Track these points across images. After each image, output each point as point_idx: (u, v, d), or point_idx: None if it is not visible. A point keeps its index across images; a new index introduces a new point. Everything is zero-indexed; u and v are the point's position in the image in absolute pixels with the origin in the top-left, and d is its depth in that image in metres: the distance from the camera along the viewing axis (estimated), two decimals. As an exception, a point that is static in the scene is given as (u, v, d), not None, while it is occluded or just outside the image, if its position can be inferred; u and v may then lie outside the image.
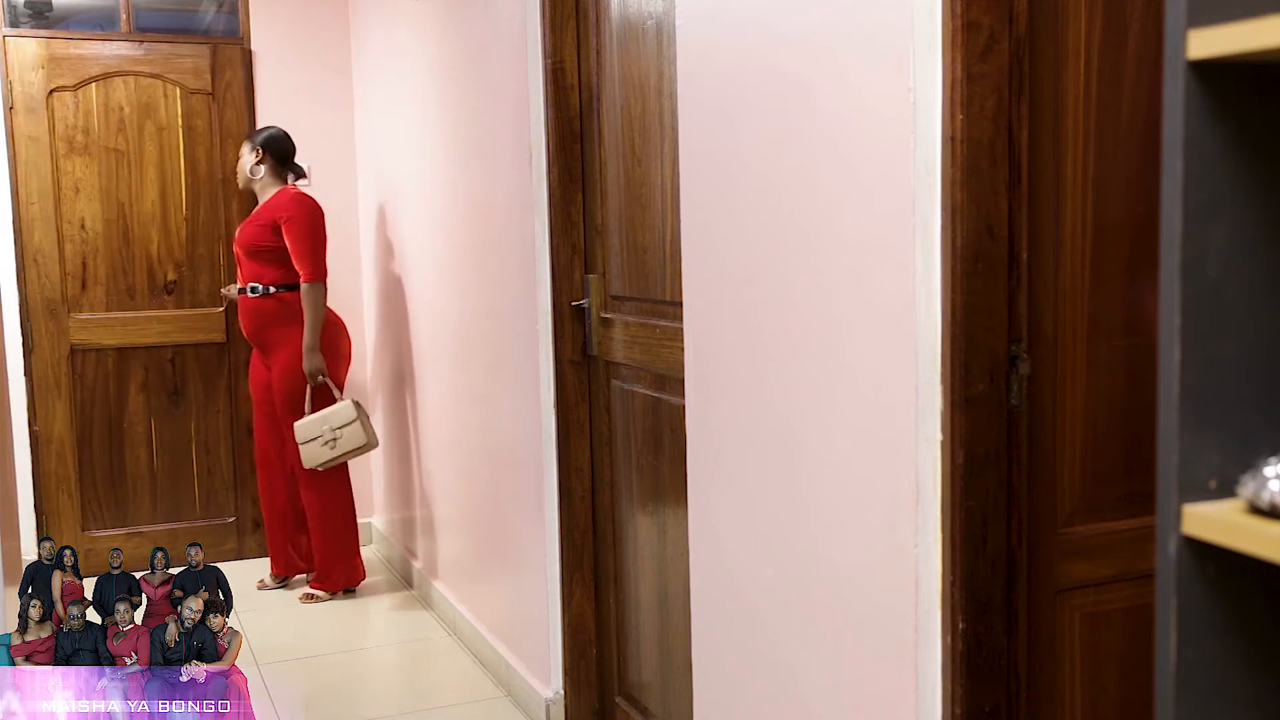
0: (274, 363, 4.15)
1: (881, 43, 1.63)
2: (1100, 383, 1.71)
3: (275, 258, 4.10)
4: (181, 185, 4.68)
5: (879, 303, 1.67)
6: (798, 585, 1.90)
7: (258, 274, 4.11)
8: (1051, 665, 1.70)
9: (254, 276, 4.11)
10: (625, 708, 2.85)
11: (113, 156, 4.58)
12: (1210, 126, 0.89)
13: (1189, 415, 0.91)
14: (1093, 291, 1.69)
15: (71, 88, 4.52)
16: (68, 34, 4.57)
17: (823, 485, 1.82)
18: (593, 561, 2.96)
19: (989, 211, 1.56)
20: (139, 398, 4.68)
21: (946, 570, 1.60)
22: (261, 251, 4.09)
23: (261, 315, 4.13)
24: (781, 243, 1.88)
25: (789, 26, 1.83)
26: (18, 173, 4.45)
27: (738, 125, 1.99)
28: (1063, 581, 1.70)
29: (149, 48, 4.62)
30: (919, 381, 1.60)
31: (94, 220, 4.57)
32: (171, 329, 4.65)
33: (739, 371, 2.04)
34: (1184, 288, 0.90)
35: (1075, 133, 1.65)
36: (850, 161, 1.71)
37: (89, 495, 4.64)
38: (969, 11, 1.52)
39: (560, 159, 2.85)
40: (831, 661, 1.83)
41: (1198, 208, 0.90)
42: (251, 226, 4.13)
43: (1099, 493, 1.72)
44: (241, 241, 4.14)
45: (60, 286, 4.54)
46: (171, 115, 4.65)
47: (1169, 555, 0.92)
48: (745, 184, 1.98)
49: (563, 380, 2.91)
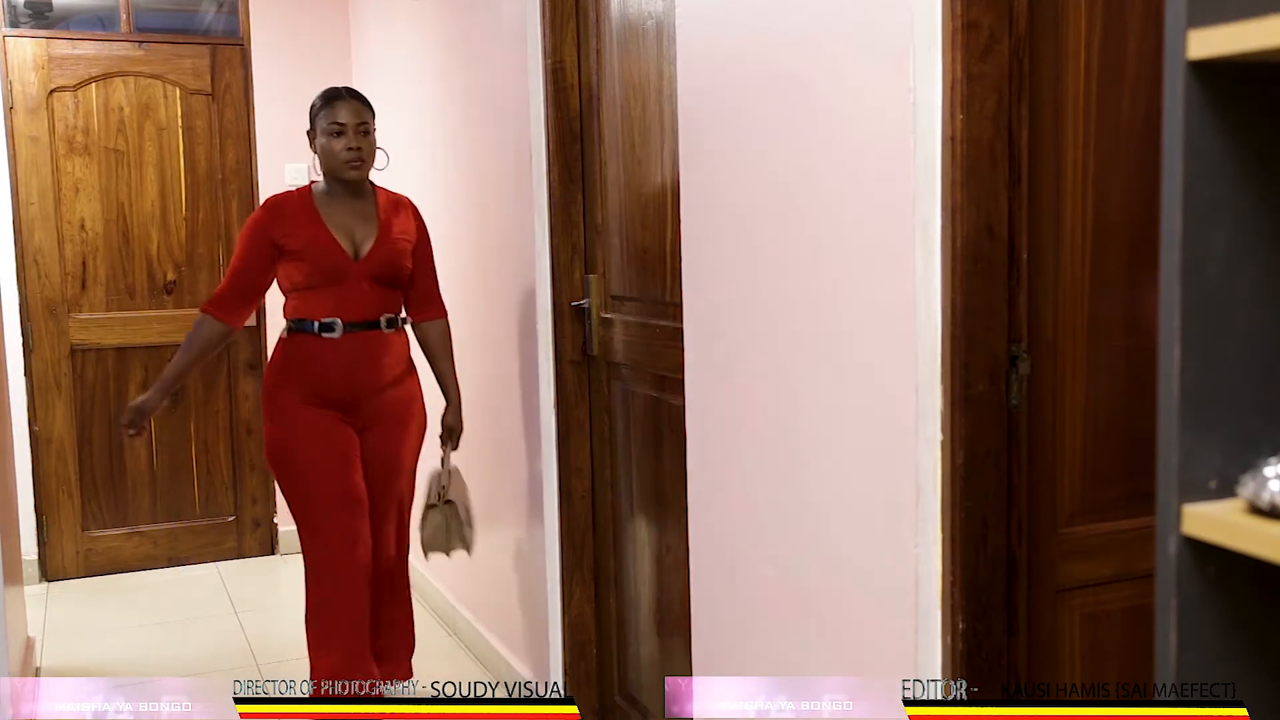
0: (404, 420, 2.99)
1: (881, 43, 1.63)
2: (1100, 383, 1.71)
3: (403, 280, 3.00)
4: (181, 185, 4.68)
5: (879, 303, 1.67)
6: (797, 586, 1.90)
7: (390, 302, 2.95)
8: (1052, 665, 1.70)
9: (386, 305, 2.93)
10: (625, 708, 2.85)
11: (112, 157, 4.58)
12: (1210, 127, 0.89)
13: (1189, 415, 0.91)
14: (1093, 291, 1.69)
15: (71, 88, 4.52)
16: (68, 34, 4.57)
17: (822, 485, 1.82)
18: (593, 561, 2.96)
19: (989, 211, 1.56)
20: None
21: (946, 570, 1.60)
22: (402, 274, 2.97)
23: (399, 356, 2.97)
24: (781, 243, 1.88)
25: (789, 27, 1.83)
26: (18, 173, 4.45)
27: (738, 125, 1.99)
28: (1063, 581, 1.70)
29: (149, 48, 4.62)
30: (919, 381, 1.60)
31: (94, 220, 4.57)
32: (171, 329, 4.65)
33: (739, 371, 2.04)
34: (1184, 288, 0.90)
35: (1075, 133, 1.65)
36: (850, 161, 1.71)
37: (89, 495, 4.64)
38: (969, 11, 1.52)
39: (560, 159, 2.85)
40: (831, 661, 1.83)
41: (1198, 208, 0.90)
42: (389, 245, 2.91)
43: (1099, 493, 1.72)
44: (378, 263, 2.89)
45: (60, 286, 4.54)
46: (171, 115, 4.65)
47: (1169, 555, 0.92)
48: (745, 184, 1.98)
49: (563, 380, 2.91)
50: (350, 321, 2.86)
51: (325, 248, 2.85)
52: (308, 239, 2.85)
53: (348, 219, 2.91)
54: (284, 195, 2.96)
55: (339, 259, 2.86)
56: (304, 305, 2.87)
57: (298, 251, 2.86)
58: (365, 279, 2.87)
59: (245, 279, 2.93)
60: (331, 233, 2.87)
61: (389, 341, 2.94)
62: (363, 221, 2.92)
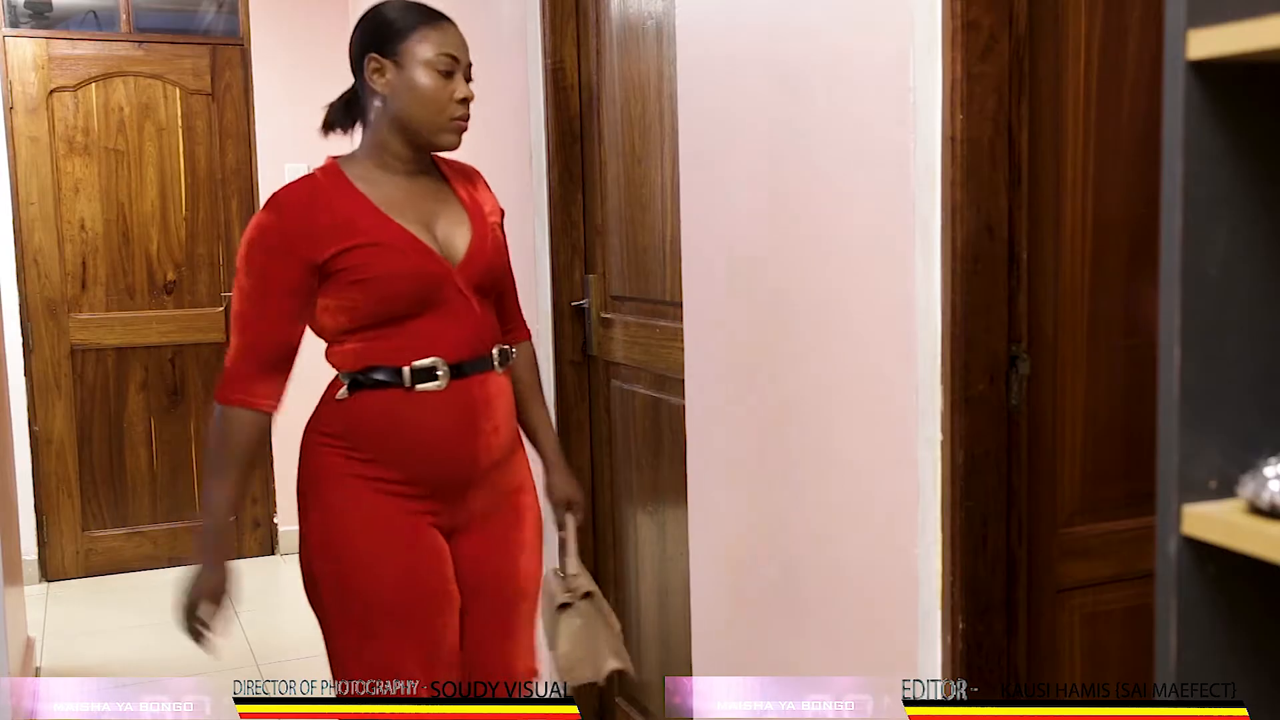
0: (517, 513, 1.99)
1: (881, 43, 1.63)
2: (1100, 383, 1.71)
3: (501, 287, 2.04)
4: (181, 185, 4.68)
5: (878, 303, 1.67)
6: (797, 586, 1.90)
7: (495, 323, 1.98)
8: (1052, 665, 1.70)
9: (494, 329, 1.96)
10: (625, 708, 2.85)
11: (112, 157, 4.58)
12: (1210, 127, 0.89)
13: (1189, 415, 0.91)
14: (1093, 291, 1.69)
15: (71, 88, 4.52)
16: (68, 34, 4.58)
17: (822, 485, 1.82)
18: (593, 561, 2.96)
19: (989, 211, 1.56)
20: (139, 397, 4.68)
21: (946, 570, 1.60)
22: (506, 278, 2.06)
23: (510, 406, 1.98)
24: (781, 243, 1.88)
25: (789, 27, 1.83)
26: (18, 173, 4.45)
27: (738, 125, 1.99)
28: (1063, 581, 1.70)
29: (149, 48, 4.62)
30: (919, 381, 1.60)
31: (94, 220, 4.57)
32: (171, 329, 4.66)
33: (739, 371, 2.04)
34: (1184, 288, 0.90)
35: (1075, 133, 1.65)
36: (850, 161, 1.71)
37: (89, 495, 4.64)
38: (969, 11, 1.52)
39: (560, 159, 2.85)
40: (831, 662, 1.83)
41: (1198, 208, 0.90)
42: (490, 236, 1.96)
43: (1099, 493, 1.72)
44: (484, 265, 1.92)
45: (60, 286, 4.54)
46: (171, 116, 4.65)
47: (1169, 555, 0.92)
48: (745, 184, 1.98)
49: (563, 380, 2.91)
50: (457, 362, 1.84)
51: (403, 250, 1.80)
52: (372, 242, 1.79)
53: (419, 204, 1.88)
54: (300, 186, 1.84)
55: (430, 265, 1.82)
56: (377, 345, 1.82)
57: (358, 267, 1.78)
58: (470, 291, 1.87)
59: (272, 334, 1.81)
60: (405, 227, 1.83)
61: (502, 387, 1.93)
62: (440, 205, 1.91)
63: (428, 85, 1.82)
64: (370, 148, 1.88)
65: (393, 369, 1.82)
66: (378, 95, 1.84)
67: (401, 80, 1.82)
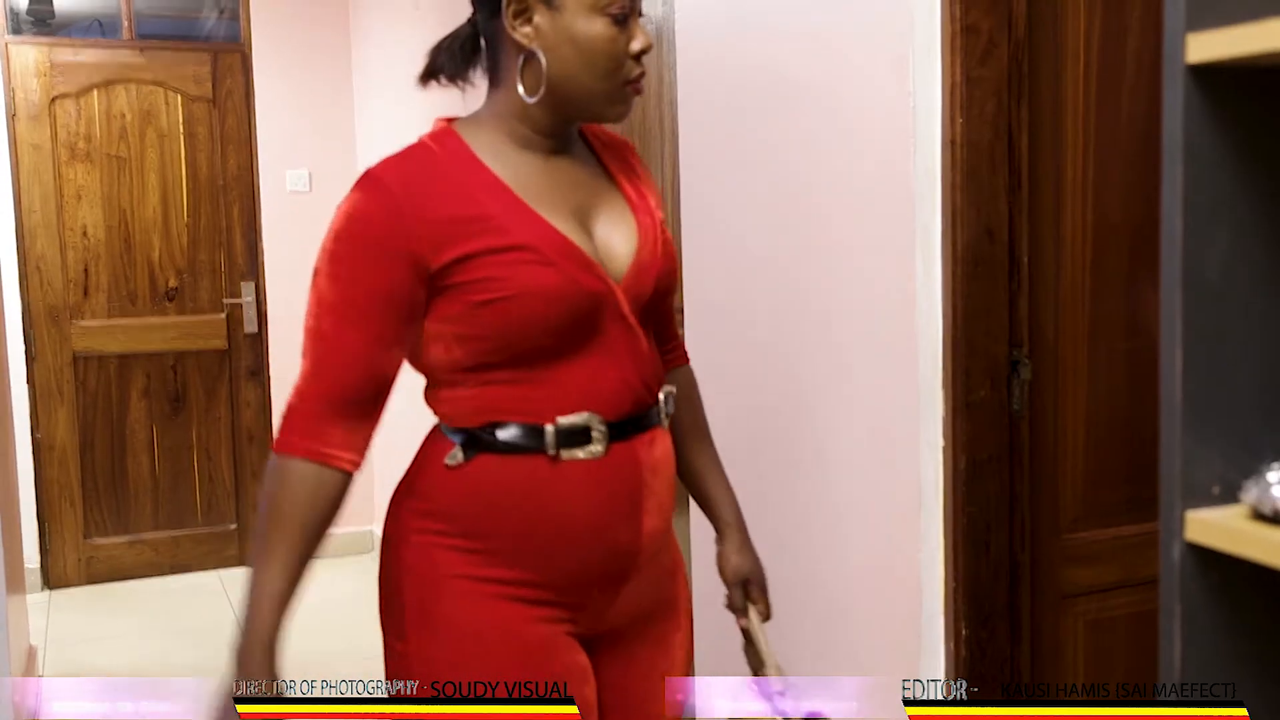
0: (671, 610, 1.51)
1: (881, 46, 1.62)
2: (1101, 387, 1.71)
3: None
4: (183, 192, 4.68)
5: (879, 307, 1.66)
6: (799, 591, 1.90)
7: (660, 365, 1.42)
8: (1056, 672, 1.70)
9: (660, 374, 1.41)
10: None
11: (114, 163, 4.59)
12: (1210, 130, 0.89)
13: (1191, 420, 0.91)
14: (1093, 295, 1.69)
15: (73, 95, 4.52)
16: (70, 41, 4.58)
17: (824, 491, 1.81)
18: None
19: (989, 215, 1.56)
20: (141, 404, 4.68)
21: (949, 576, 1.60)
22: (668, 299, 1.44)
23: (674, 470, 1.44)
24: (782, 246, 1.88)
25: (789, 31, 1.83)
26: (20, 180, 4.45)
27: (738, 127, 1.99)
28: (1066, 588, 1.70)
29: (150, 55, 4.63)
30: (920, 386, 1.59)
31: (96, 227, 4.57)
32: (173, 336, 4.66)
33: (739, 374, 2.03)
34: (1185, 292, 0.89)
35: (1075, 136, 1.65)
36: (850, 165, 1.70)
37: (91, 502, 4.64)
38: (968, 15, 1.52)
39: (561, 164, 2.84)
40: (833, 667, 1.82)
41: (1198, 212, 0.89)
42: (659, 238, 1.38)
43: (1101, 498, 1.72)
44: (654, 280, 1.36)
45: (62, 293, 4.55)
46: (173, 122, 4.65)
47: (1172, 561, 0.92)
48: (745, 186, 1.98)
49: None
50: (618, 419, 1.32)
51: (552, 260, 1.27)
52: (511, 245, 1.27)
53: (569, 193, 1.35)
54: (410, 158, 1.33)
55: (588, 280, 1.29)
56: (508, 392, 1.29)
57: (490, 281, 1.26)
58: (635, 318, 1.34)
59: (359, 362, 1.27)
60: (556, 226, 1.29)
61: (667, 448, 1.40)
62: (595, 197, 1.38)
63: (598, 36, 1.28)
64: (501, 116, 1.36)
65: (530, 428, 1.29)
66: (518, 47, 1.31)
67: (558, 27, 1.29)
